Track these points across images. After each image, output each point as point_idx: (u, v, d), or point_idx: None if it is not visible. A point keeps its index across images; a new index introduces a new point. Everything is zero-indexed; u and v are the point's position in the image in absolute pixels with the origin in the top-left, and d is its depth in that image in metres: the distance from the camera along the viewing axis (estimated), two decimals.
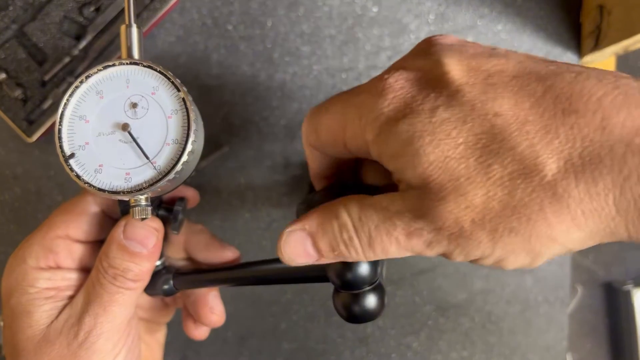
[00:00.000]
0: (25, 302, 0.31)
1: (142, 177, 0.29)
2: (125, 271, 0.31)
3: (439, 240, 0.24)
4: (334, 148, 0.28)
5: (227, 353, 0.51)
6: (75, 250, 0.33)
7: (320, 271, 0.29)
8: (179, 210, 0.33)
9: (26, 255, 0.32)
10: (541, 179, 0.22)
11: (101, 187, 0.28)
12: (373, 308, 0.28)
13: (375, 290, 0.29)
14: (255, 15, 0.50)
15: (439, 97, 0.24)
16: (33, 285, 0.31)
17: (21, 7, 0.46)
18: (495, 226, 0.23)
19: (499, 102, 0.23)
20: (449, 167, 0.23)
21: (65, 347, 0.30)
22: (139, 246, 0.31)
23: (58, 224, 0.32)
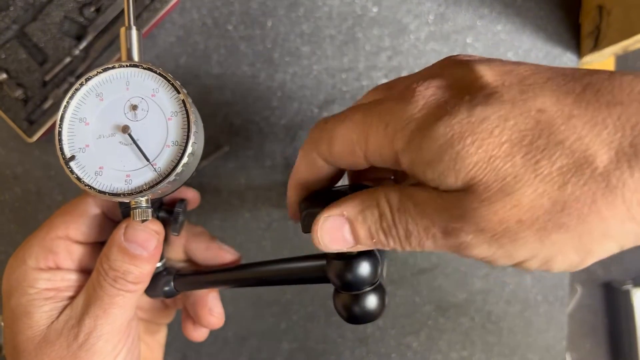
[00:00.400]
0: (25, 303, 0.31)
1: (143, 179, 0.29)
2: (126, 273, 0.31)
3: (479, 242, 0.23)
4: (349, 159, 0.27)
5: (227, 353, 0.52)
6: (75, 251, 0.33)
7: (321, 272, 0.29)
8: (179, 212, 0.33)
9: (26, 256, 0.32)
10: (593, 170, 0.21)
11: (102, 189, 0.29)
12: (373, 309, 0.28)
13: (376, 290, 0.29)
14: (255, 15, 0.50)
15: (474, 98, 0.23)
16: (33, 285, 0.31)
17: (22, 7, 0.46)
18: (543, 224, 0.22)
19: (541, 100, 0.22)
20: (495, 167, 0.22)
21: (65, 348, 0.30)
22: (139, 249, 0.31)
23: (58, 225, 0.33)
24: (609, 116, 0.22)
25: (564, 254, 0.23)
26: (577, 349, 0.56)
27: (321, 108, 0.51)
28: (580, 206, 0.21)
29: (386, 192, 0.25)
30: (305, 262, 0.31)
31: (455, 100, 0.23)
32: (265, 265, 0.33)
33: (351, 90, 0.51)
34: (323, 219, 0.26)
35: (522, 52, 0.51)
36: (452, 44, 0.51)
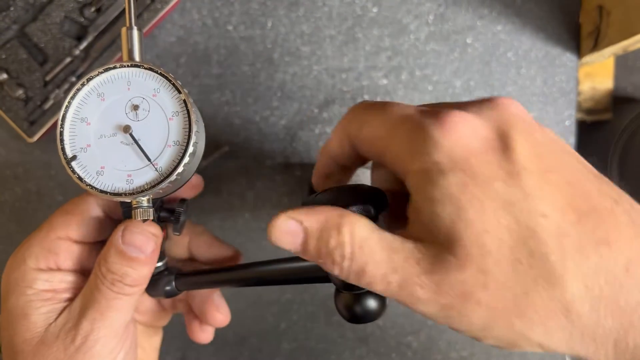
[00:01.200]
0: (23, 304, 0.31)
1: (144, 179, 0.29)
2: (124, 276, 0.30)
3: (433, 302, 0.23)
4: (368, 149, 0.28)
5: (227, 353, 0.52)
6: (75, 251, 0.33)
7: (322, 271, 0.29)
8: (180, 212, 0.33)
9: (26, 256, 0.32)
10: (561, 295, 0.22)
11: (103, 189, 0.29)
12: (374, 309, 0.28)
13: None
14: (255, 15, 0.50)
15: (499, 169, 0.23)
16: (31, 286, 0.31)
17: (22, 7, 0.47)
18: (498, 317, 0.23)
19: (549, 203, 0.23)
20: (483, 241, 0.22)
21: (62, 351, 0.30)
22: (137, 251, 0.31)
23: (58, 224, 0.32)
24: (595, 253, 0.22)
25: (496, 341, 0.24)
26: None
27: (321, 108, 0.51)
28: (536, 318, 0.23)
29: (353, 223, 0.25)
30: (306, 262, 0.31)
31: (481, 158, 0.23)
32: (267, 264, 0.33)
33: (351, 91, 0.51)
34: (282, 220, 0.26)
35: (522, 52, 0.51)
36: (452, 44, 0.51)
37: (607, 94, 0.53)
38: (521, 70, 0.52)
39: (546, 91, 0.52)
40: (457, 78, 0.52)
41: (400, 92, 0.51)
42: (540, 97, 0.52)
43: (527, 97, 0.52)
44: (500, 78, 0.52)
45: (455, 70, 0.51)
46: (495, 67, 0.52)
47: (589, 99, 0.54)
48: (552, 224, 0.23)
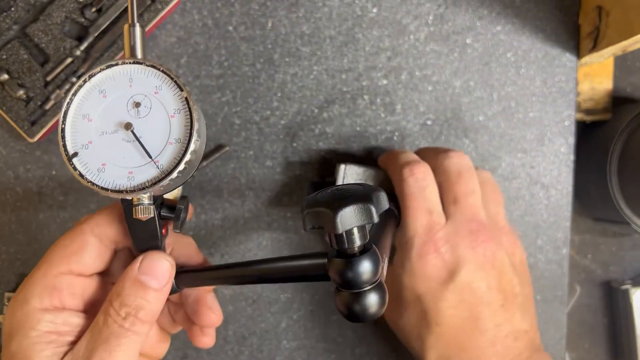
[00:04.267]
0: (26, 347, 0.30)
1: (145, 176, 0.29)
2: (137, 309, 0.30)
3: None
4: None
5: (228, 352, 0.52)
6: (79, 286, 0.32)
7: (322, 269, 0.29)
8: (181, 209, 0.33)
9: (29, 296, 0.31)
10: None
11: (104, 185, 0.29)
12: (374, 307, 0.29)
13: (377, 289, 0.29)
14: (255, 16, 0.51)
15: (434, 293, 0.39)
16: (35, 327, 0.30)
17: (23, 8, 0.47)
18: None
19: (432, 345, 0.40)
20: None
21: None
22: (153, 280, 0.31)
23: (59, 260, 0.32)
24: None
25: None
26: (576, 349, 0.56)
27: (321, 108, 0.51)
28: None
29: None
30: (306, 260, 0.31)
31: (431, 284, 0.39)
32: (267, 262, 0.33)
33: (351, 91, 0.51)
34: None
35: (522, 53, 0.52)
36: (452, 45, 0.51)
37: (607, 94, 0.54)
38: (521, 70, 0.52)
39: (545, 91, 0.52)
40: (457, 78, 0.52)
41: (400, 92, 0.52)
42: (539, 98, 0.52)
43: (526, 97, 0.52)
44: (500, 78, 0.52)
45: (454, 71, 0.52)
46: (494, 67, 0.52)
47: (588, 99, 0.54)
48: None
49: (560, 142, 0.52)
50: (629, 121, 0.48)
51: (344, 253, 0.28)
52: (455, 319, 0.38)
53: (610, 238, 0.58)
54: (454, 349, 0.39)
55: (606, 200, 0.49)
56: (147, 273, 0.31)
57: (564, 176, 0.52)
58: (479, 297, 0.38)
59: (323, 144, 0.51)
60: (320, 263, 0.30)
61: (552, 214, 0.53)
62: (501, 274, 0.40)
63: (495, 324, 0.39)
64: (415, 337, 0.41)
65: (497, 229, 0.42)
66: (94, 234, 0.33)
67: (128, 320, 0.30)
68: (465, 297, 0.38)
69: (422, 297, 0.39)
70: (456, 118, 0.52)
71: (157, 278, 0.31)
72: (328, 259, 0.29)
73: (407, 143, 0.52)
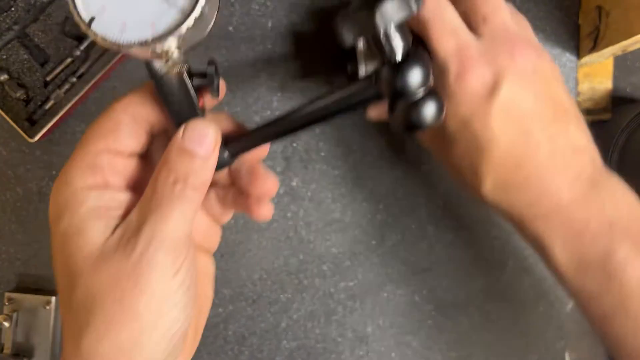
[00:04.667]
0: (77, 222, 0.29)
1: (167, 22, 0.27)
2: (186, 176, 0.29)
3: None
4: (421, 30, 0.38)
5: (228, 352, 0.52)
6: (119, 165, 0.31)
7: (373, 90, 0.29)
8: (212, 72, 0.32)
9: (69, 177, 0.30)
10: None
11: (129, 42, 0.27)
12: (432, 112, 0.28)
13: (431, 95, 0.29)
14: (255, 16, 0.51)
15: (479, 105, 0.36)
16: (83, 204, 0.29)
17: (23, 8, 0.47)
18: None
19: (497, 135, 0.37)
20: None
21: (124, 260, 0.28)
22: (198, 146, 0.29)
23: (95, 139, 0.31)
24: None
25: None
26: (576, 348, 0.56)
27: None
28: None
29: None
30: (354, 87, 0.30)
31: (475, 99, 0.36)
32: (314, 102, 0.32)
33: None
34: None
35: None
36: None
37: (606, 94, 0.54)
38: None
39: None
40: None
41: None
42: None
43: None
44: None
45: None
46: None
47: (588, 99, 0.54)
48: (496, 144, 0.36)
49: None
50: (629, 121, 0.48)
51: (390, 62, 0.28)
52: (505, 136, 0.36)
53: None
54: (509, 169, 0.37)
55: None
56: (192, 140, 0.30)
57: None
58: (526, 110, 0.37)
59: None
60: (369, 82, 0.29)
61: None
62: (546, 84, 0.37)
63: (548, 136, 0.37)
64: (468, 169, 0.39)
65: (533, 43, 0.39)
66: (127, 112, 0.32)
67: (178, 185, 0.29)
68: (512, 111, 0.36)
69: (468, 121, 0.37)
70: None
71: (202, 145, 0.30)
72: (375, 74, 0.29)
73: (407, 143, 0.52)
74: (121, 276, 0.28)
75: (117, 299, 0.28)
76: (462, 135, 0.38)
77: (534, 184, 0.37)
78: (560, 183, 0.36)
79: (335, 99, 0.31)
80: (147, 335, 0.28)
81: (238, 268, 0.52)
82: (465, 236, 0.52)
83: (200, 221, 0.38)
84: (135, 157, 0.33)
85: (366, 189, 0.52)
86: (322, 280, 0.52)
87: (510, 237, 0.52)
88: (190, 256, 0.31)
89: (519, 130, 0.36)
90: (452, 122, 0.38)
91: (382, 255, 0.52)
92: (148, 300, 0.28)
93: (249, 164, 0.36)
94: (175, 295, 0.29)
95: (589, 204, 0.36)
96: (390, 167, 0.52)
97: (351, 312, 0.52)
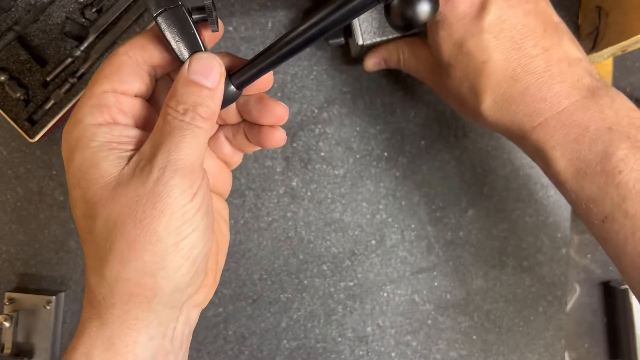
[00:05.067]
0: (90, 156, 0.30)
1: None
2: (195, 105, 0.30)
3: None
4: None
5: (228, 352, 0.52)
6: (126, 104, 0.32)
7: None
8: (210, 5, 0.32)
9: (80, 116, 0.31)
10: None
11: None
12: (426, 6, 0.30)
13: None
14: (255, 16, 0.51)
15: (470, 25, 0.38)
16: (94, 139, 0.30)
17: (23, 8, 0.47)
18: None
19: (493, 48, 0.38)
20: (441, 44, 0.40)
21: (142, 186, 0.29)
22: (204, 79, 0.30)
23: (101, 80, 0.31)
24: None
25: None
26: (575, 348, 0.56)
27: (321, 108, 0.51)
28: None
29: (401, 48, 0.45)
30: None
31: (464, 21, 0.38)
32: (313, 15, 0.32)
33: (351, 91, 0.51)
34: (371, 56, 0.47)
35: None
36: None
37: None
38: None
39: None
40: None
41: (400, 92, 0.52)
42: None
43: None
44: None
45: None
46: None
47: None
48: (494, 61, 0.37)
49: None
50: None
51: None
52: (499, 52, 0.37)
53: None
54: (507, 83, 0.38)
55: None
56: (198, 72, 0.30)
57: None
58: (517, 25, 0.37)
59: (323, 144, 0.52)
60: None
61: (552, 214, 0.53)
62: (534, 1, 0.39)
63: (542, 47, 0.37)
64: (467, 91, 0.40)
65: None
66: (129, 55, 0.32)
67: (188, 115, 0.30)
68: (503, 28, 0.37)
69: (462, 43, 0.38)
70: (456, 118, 0.52)
71: (208, 76, 0.31)
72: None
73: (406, 143, 0.52)
74: (140, 200, 0.29)
75: (138, 221, 0.28)
76: (457, 59, 0.39)
77: (532, 94, 0.37)
78: (559, 91, 0.37)
79: (333, 8, 0.31)
80: (169, 257, 0.29)
81: (238, 268, 0.52)
82: (465, 236, 0.52)
83: (211, 164, 0.39)
84: (141, 99, 0.33)
85: (366, 189, 0.52)
86: (322, 280, 0.52)
87: (510, 237, 0.52)
88: (205, 184, 0.31)
89: (511, 45, 0.37)
90: (446, 47, 0.39)
91: (382, 255, 0.52)
92: (168, 221, 0.29)
93: (256, 97, 0.36)
94: (195, 218, 0.30)
95: (587, 109, 0.37)
96: (390, 167, 0.52)
97: (351, 312, 0.52)
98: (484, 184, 0.52)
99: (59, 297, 0.51)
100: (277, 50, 0.33)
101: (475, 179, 0.52)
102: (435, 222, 0.52)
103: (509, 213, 0.52)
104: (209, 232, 0.31)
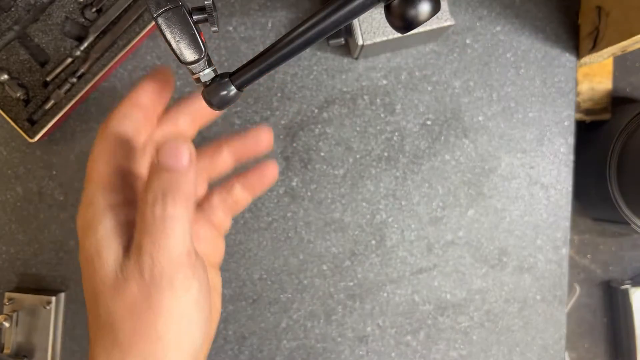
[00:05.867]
0: (96, 243, 0.31)
1: None
2: (165, 193, 0.30)
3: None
4: None
5: (228, 352, 0.52)
6: (129, 181, 0.33)
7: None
8: (210, 5, 0.33)
9: (91, 197, 0.32)
10: None
11: None
12: (429, 6, 0.29)
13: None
14: (255, 16, 0.51)
15: None
16: (102, 223, 0.31)
17: (23, 8, 0.47)
18: None
19: None
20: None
21: (136, 288, 0.29)
22: (172, 160, 0.30)
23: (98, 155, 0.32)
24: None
25: None
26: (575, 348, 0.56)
27: (321, 108, 0.51)
28: None
29: None
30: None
31: None
32: (313, 16, 0.32)
33: (351, 91, 0.51)
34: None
35: (521, 53, 0.52)
36: (452, 45, 0.51)
37: (606, 95, 0.54)
38: (520, 70, 0.52)
39: (545, 92, 0.52)
40: (457, 78, 0.52)
41: (399, 92, 0.52)
42: (539, 98, 0.52)
43: (526, 97, 0.52)
44: (499, 78, 0.52)
45: (454, 71, 0.52)
46: (494, 67, 0.52)
47: (587, 100, 0.54)
48: None
49: (559, 142, 0.52)
50: (628, 121, 0.48)
51: None
52: None
53: (609, 238, 0.58)
54: None
55: (606, 200, 0.49)
56: (167, 156, 0.30)
57: (564, 176, 0.52)
58: None
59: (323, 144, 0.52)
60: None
61: (552, 214, 0.53)
62: None
63: None
64: None
65: None
66: (119, 121, 0.33)
67: (158, 206, 0.30)
68: None
69: None
70: (456, 118, 0.52)
71: (178, 158, 0.30)
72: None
73: (406, 143, 0.52)
74: (135, 301, 0.29)
75: (135, 325, 0.29)
76: None
77: None
78: None
79: (333, 8, 0.31)
80: (170, 354, 0.30)
81: (238, 268, 0.52)
82: (465, 236, 0.52)
83: (204, 234, 0.39)
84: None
85: (366, 189, 0.52)
86: (322, 280, 0.52)
87: (510, 237, 0.52)
88: (199, 272, 0.32)
89: None
90: None
91: (382, 255, 0.52)
92: (165, 320, 0.29)
93: (239, 136, 0.38)
94: (192, 312, 0.30)
95: None
96: (390, 167, 0.52)
97: (351, 312, 0.52)
98: (484, 184, 0.52)
99: (59, 297, 0.51)
100: (277, 50, 0.33)
101: (475, 179, 0.52)
102: (435, 222, 0.52)
103: (509, 213, 0.52)
104: (208, 321, 0.32)
